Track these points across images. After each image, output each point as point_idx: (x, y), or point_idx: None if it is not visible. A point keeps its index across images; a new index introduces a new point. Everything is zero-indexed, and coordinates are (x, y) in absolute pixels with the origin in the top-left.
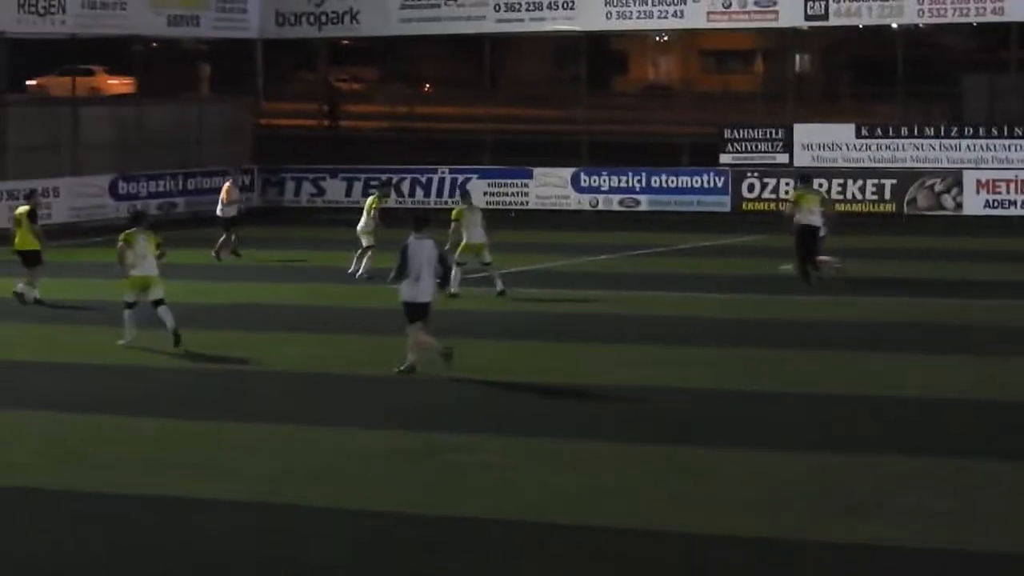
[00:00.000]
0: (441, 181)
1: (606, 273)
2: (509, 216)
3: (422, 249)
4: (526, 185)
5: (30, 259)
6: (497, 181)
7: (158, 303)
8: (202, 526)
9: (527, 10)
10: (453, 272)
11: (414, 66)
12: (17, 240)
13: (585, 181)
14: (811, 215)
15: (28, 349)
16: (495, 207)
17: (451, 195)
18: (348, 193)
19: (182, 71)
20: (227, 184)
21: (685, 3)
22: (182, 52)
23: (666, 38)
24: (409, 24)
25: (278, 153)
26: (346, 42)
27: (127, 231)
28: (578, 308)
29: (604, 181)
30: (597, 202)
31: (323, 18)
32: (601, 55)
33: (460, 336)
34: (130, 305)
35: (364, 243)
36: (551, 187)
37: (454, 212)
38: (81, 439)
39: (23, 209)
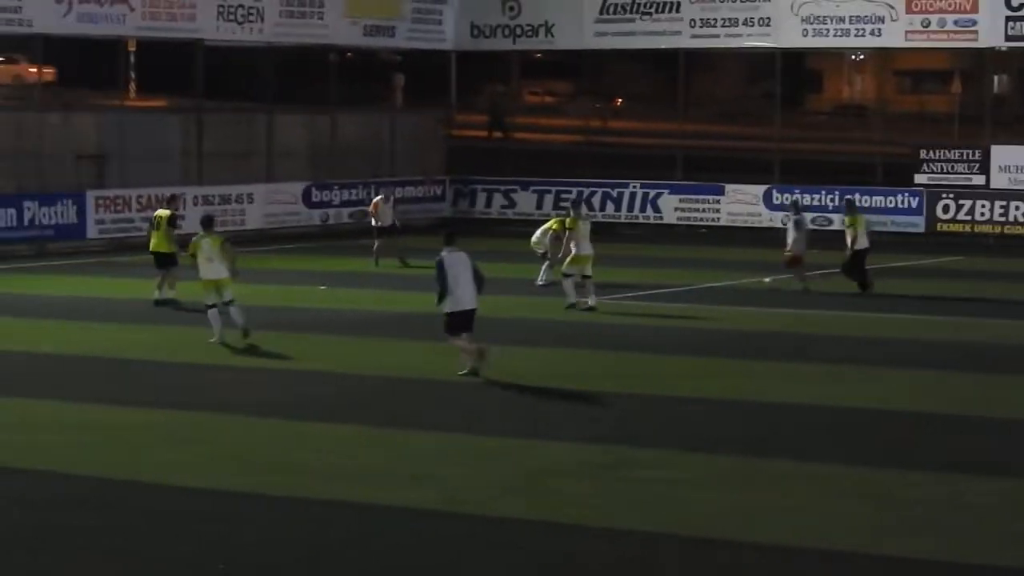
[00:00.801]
0: (632, 196)
1: (792, 291)
2: (699, 232)
3: (456, 261)
4: (717, 201)
5: (164, 261)
6: (688, 197)
7: (229, 303)
8: (388, 533)
9: (723, 26)
10: (565, 283)
11: (607, 80)
12: (154, 242)
13: (777, 198)
14: (862, 238)
15: (224, 354)
16: (686, 223)
17: (642, 210)
18: (539, 206)
19: (377, 81)
20: (377, 199)
21: (883, 22)
22: (377, 62)
23: (862, 56)
24: (604, 38)
25: (469, 164)
26: (539, 55)
27: (195, 237)
28: (757, 326)
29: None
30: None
31: (518, 31)
32: (795, 72)
33: (636, 351)
34: (210, 306)
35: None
36: (743, 204)
37: (567, 222)
38: (274, 444)
39: (164, 213)
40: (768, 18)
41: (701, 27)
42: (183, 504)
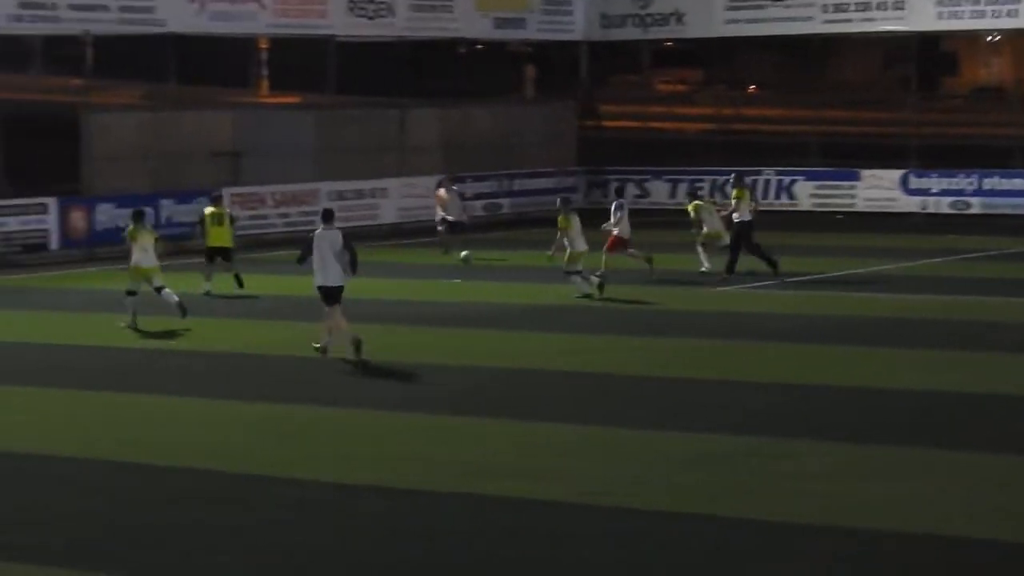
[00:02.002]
0: (767, 183)
1: (931, 276)
2: (835, 218)
3: (325, 239)
4: (853, 187)
5: (224, 255)
6: (824, 183)
7: (159, 289)
8: (524, 527)
9: (856, 10)
10: (576, 280)
11: (738, 67)
12: (214, 236)
13: (914, 183)
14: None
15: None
16: (822, 209)
17: (776, 197)
18: (672, 195)
19: (507, 73)
20: (439, 191)
21: (1019, 2)
22: (507, 54)
23: (998, 38)
24: (735, 25)
25: (602, 155)
26: (670, 44)
27: (129, 228)
28: (892, 312)
29: (934, 183)
30: (927, 205)
31: (648, 20)
32: (930, 55)
33: (758, 339)
34: (131, 293)
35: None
36: (879, 189)
37: (559, 220)
38: (406, 438)
39: (218, 209)
40: (902, 1)
41: (834, 12)
42: (325, 498)
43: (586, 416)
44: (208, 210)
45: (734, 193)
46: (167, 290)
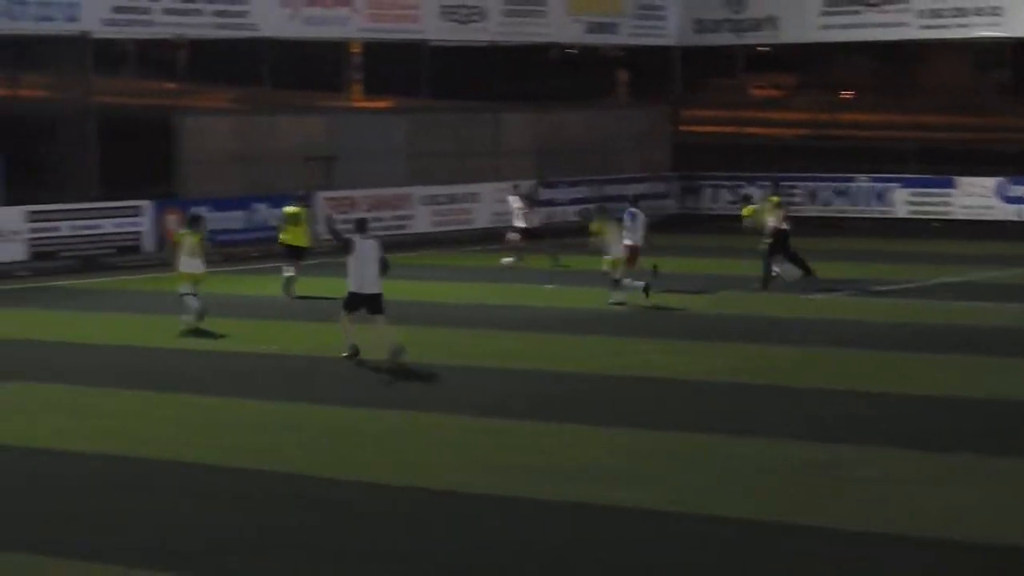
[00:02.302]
0: (860, 189)
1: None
2: (931, 226)
3: (365, 247)
4: (949, 195)
5: (299, 254)
6: (919, 190)
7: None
8: (611, 533)
9: (951, 16)
10: (626, 282)
11: (833, 72)
12: (289, 236)
13: (1012, 191)
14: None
15: (447, 352)
16: (917, 216)
17: (870, 204)
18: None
19: (600, 77)
20: (514, 199)
21: None
22: (600, 58)
23: None
24: (829, 31)
25: (696, 160)
26: (764, 48)
27: (179, 232)
28: (981, 320)
29: None
30: (1023, 213)
31: (742, 24)
32: None
33: (842, 346)
34: (185, 294)
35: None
36: (975, 197)
37: (593, 226)
38: (502, 444)
39: (300, 210)
40: (999, 7)
41: (930, 17)
42: (419, 504)
43: (670, 422)
44: (289, 209)
45: (771, 200)
46: (197, 296)
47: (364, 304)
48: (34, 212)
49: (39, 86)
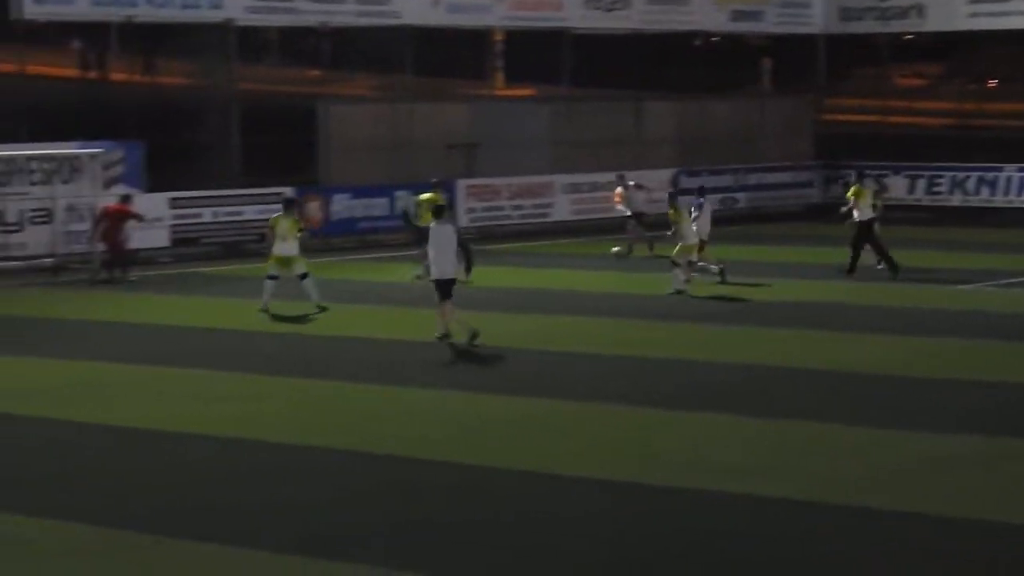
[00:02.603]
0: (1008, 180)
1: None
2: None
3: (440, 233)
4: None
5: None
6: None
7: (303, 277)
8: (751, 525)
9: None
10: (677, 272)
11: (980, 61)
12: (425, 222)
13: None
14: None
15: (583, 340)
16: None
17: (1017, 194)
18: (911, 191)
19: (744, 66)
20: (618, 189)
21: None
22: (744, 46)
23: None
24: (976, 19)
25: (840, 149)
26: (910, 37)
27: (274, 216)
28: None
29: None
30: None
31: (888, 13)
32: None
33: (1004, 339)
34: (273, 277)
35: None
36: None
37: (670, 214)
38: (640, 434)
39: (436, 197)
40: None
41: None
42: (561, 495)
43: (821, 413)
44: (424, 196)
45: (852, 190)
46: (309, 280)
47: (443, 289)
48: (177, 199)
49: (182, 74)
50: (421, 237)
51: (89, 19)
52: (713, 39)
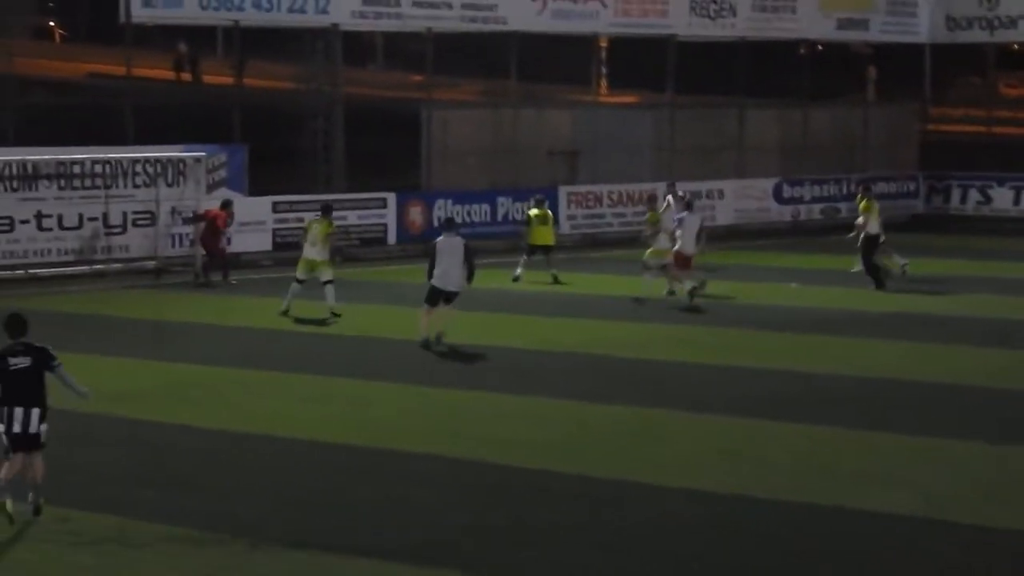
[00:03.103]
0: None
1: None
2: None
3: (447, 246)
4: None
5: (547, 252)
6: None
7: (326, 282)
8: (864, 538)
9: None
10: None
11: None
12: (539, 235)
13: None
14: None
15: (692, 350)
16: None
17: None
18: (1016, 202)
19: (848, 74)
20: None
21: None
22: (848, 54)
23: None
24: None
25: (944, 159)
26: (1017, 46)
27: (310, 219)
28: None
29: None
30: None
31: (995, 22)
32: None
33: None
34: (299, 281)
35: None
36: None
37: (649, 216)
38: (748, 443)
39: (544, 211)
40: None
41: None
42: (662, 504)
43: (931, 427)
44: (533, 212)
45: (862, 205)
46: (331, 286)
47: (442, 298)
48: (279, 203)
49: (286, 77)
50: (533, 251)
51: (196, 23)
52: (818, 47)
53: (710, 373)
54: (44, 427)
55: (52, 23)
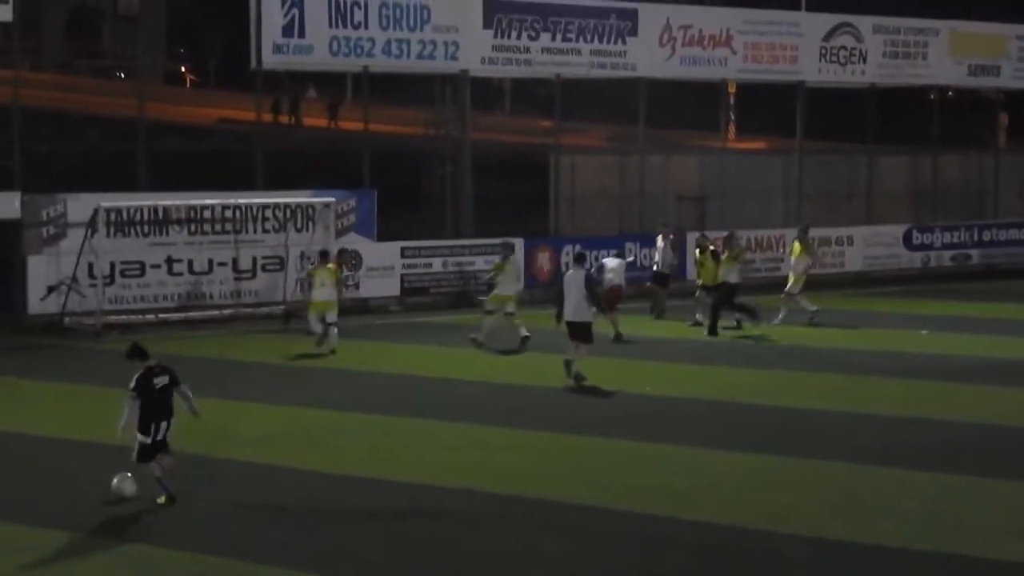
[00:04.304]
0: None
1: None
2: None
3: (572, 279)
4: None
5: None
6: None
7: (330, 324)
8: None
9: None
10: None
11: None
12: (705, 274)
13: None
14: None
15: (809, 395)
16: None
17: None
18: None
19: (978, 120)
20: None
21: None
22: (980, 101)
23: None
24: None
25: None
26: None
27: (311, 267)
28: None
29: None
30: None
31: None
32: None
33: None
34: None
35: None
36: None
37: (495, 263)
38: (874, 490)
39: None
40: None
41: None
42: (790, 549)
43: None
44: (698, 255)
45: (727, 251)
46: (335, 329)
47: (575, 332)
48: (407, 247)
49: (415, 122)
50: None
51: (327, 69)
52: (949, 93)
53: (838, 420)
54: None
55: (183, 68)
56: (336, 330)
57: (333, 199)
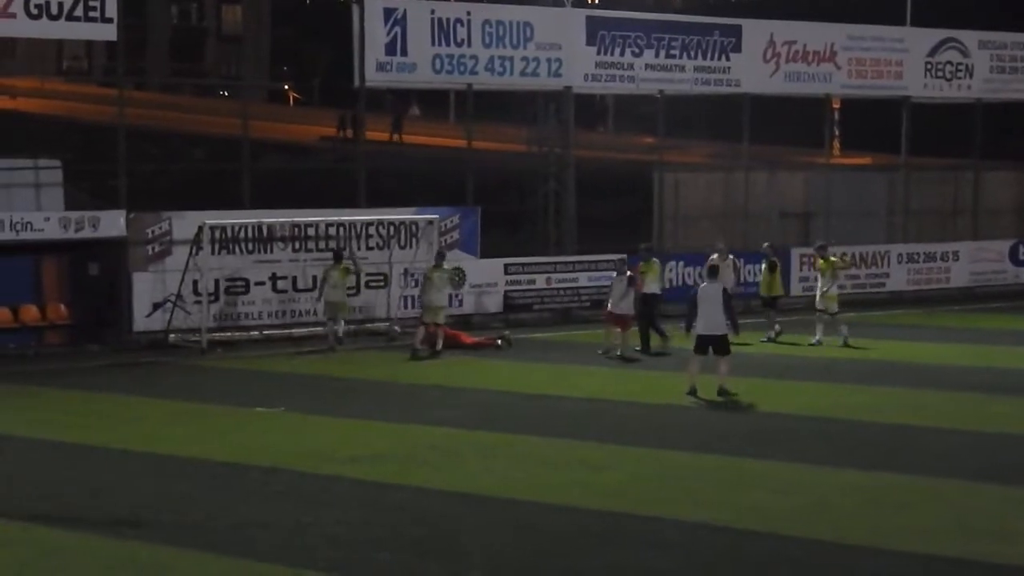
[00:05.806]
0: None
1: None
2: None
3: (707, 292)
4: None
5: (772, 303)
6: None
7: (345, 322)
8: None
9: None
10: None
11: None
12: (765, 285)
13: None
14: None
15: (927, 413)
16: None
17: None
18: None
19: None
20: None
21: None
22: None
23: None
24: None
25: None
26: None
27: (325, 267)
28: None
29: None
30: None
31: None
32: None
33: None
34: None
35: None
36: None
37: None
38: (994, 511)
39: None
40: None
41: None
42: (899, 568)
43: None
44: (764, 270)
45: (640, 266)
46: (342, 324)
47: (711, 344)
48: (511, 264)
49: (518, 139)
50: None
51: (430, 86)
52: None
53: (946, 438)
54: None
55: (287, 87)
56: (342, 327)
57: (436, 216)
